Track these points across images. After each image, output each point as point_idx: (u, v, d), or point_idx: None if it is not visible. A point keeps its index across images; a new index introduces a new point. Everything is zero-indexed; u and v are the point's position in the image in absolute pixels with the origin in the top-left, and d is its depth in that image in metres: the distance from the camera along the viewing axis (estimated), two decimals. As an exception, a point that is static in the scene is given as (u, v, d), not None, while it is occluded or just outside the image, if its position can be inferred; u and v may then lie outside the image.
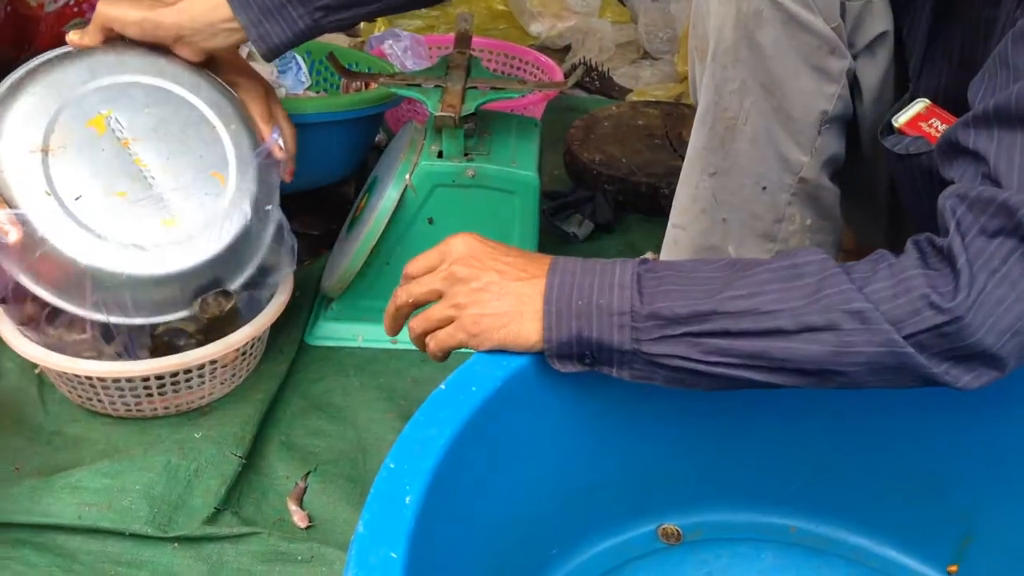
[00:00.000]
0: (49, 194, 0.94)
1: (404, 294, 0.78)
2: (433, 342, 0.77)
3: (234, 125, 1.05)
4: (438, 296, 0.76)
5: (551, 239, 1.42)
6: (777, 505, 0.90)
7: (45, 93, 0.98)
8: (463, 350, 0.83)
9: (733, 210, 0.98)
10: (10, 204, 0.93)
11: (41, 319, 1.03)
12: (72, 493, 0.96)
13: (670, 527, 0.90)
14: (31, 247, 0.93)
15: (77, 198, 0.95)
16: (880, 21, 0.93)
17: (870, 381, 0.68)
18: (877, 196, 1.06)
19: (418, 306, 0.78)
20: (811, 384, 0.69)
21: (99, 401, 1.06)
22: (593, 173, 1.52)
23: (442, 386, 0.71)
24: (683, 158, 1.52)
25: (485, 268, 0.74)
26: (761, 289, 0.68)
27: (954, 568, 0.85)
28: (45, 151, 0.95)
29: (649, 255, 1.39)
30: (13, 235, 0.92)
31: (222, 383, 1.09)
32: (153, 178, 1.00)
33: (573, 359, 0.72)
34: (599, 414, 0.81)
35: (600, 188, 1.50)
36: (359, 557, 0.59)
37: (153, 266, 0.97)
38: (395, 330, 0.81)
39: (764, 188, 0.96)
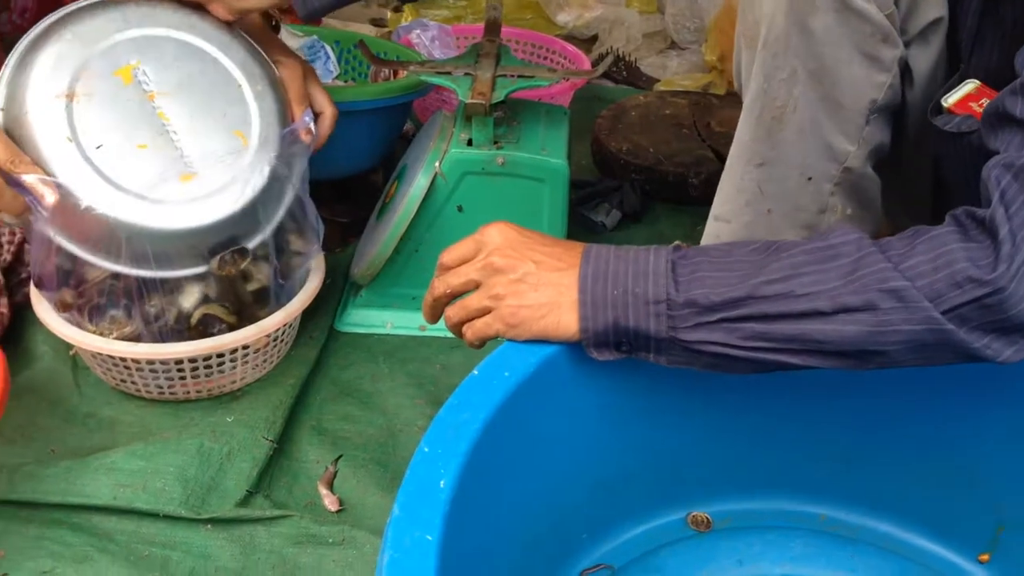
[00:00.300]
0: (71, 140, 0.94)
1: (442, 285, 0.78)
2: (470, 331, 0.77)
3: (260, 87, 1.05)
4: (475, 286, 0.76)
5: (579, 228, 1.42)
6: (807, 493, 0.90)
7: (75, 40, 0.97)
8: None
9: (778, 202, 0.98)
10: (31, 148, 0.93)
11: (81, 311, 1.04)
12: (107, 474, 0.97)
13: (700, 515, 0.91)
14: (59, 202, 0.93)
15: (98, 147, 0.95)
16: (934, 7, 0.92)
17: (910, 359, 0.68)
18: (918, 185, 1.05)
19: (456, 296, 0.79)
20: (850, 366, 0.69)
21: (133, 383, 1.07)
22: (621, 162, 1.52)
23: (475, 371, 0.72)
24: (711, 148, 1.53)
25: (522, 258, 0.74)
26: (796, 272, 0.68)
27: (986, 557, 0.85)
28: (70, 97, 0.95)
29: (677, 243, 1.39)
30: (49, 197, 0.93)
31: (254, 368, 1.10)
32: (175, 133, 0.99)
33: (610, 347, 0.72)
34: (630, 401, 0.81)
35: (628, 177, 1.50)
36: (395, 538, 0.59)
37: (169, 220, 0.97)
38: (434, 319, 0.82)
39: (809, 179, 0.96)
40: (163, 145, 0.99)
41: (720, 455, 0.88)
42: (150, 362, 1.04)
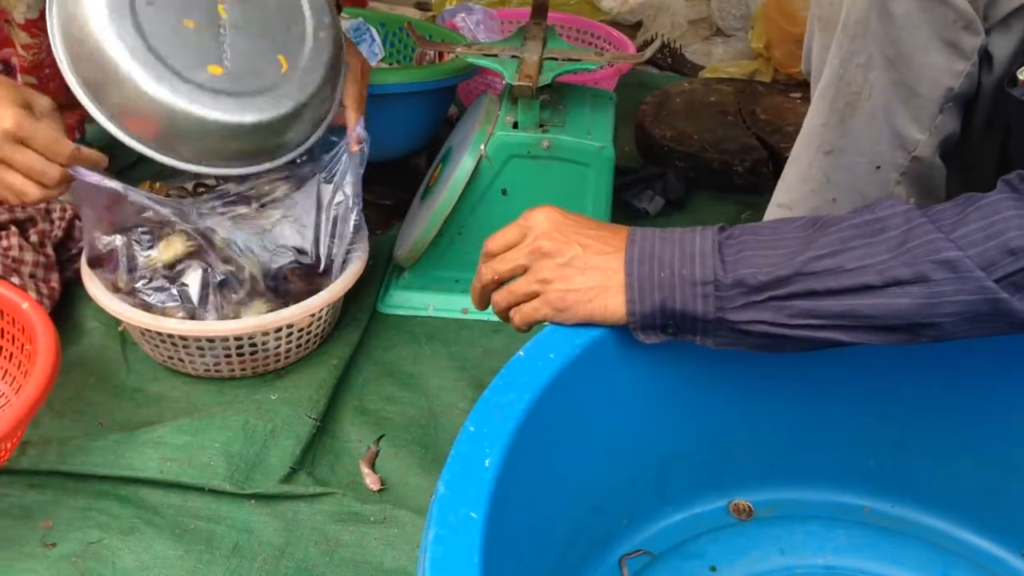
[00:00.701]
0: None
1: (489, 272, 0.78)
2: (518, 316, 0.77)
3: (322, 35, 1.05)
4: (523, 271, 0.76)
5: (621, 214, 1.42)
6: (851, 484, 0.89)
7: None
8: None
9: (844, 190, 0.97)
10: None
11: (133, 293, 1.06)
12: (154, 448, 0.99)
13: (742, 503, 0.90)
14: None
15: (149, 3, 0.95)
16: None
17: (963, 331, 0.66)
18: (983, 173, 1.03)
19: (503, 282, 0.79)
20: (902, 340, 0.68)
21: (180, 360, 1.09)
22: (664, 149, 1.51)
23: (521, 353, 0.72)
24: (756, 135, 1.52)
25: (569, 242, 0.74)
26: (844, 246, 0.67)
27: (1033, 552, 0.84)
28: None
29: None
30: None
31: (297, 347, 1.12)
32: (224, 29, 0.99)
33: (657, 330, 0.72)
34: (675, 386, 0.81)
35: (671, 164, 1.50)
36: (440, 516, 0.60)
37: (184, 101, 0.96)
38: (483, 306, 0.82)
39: (878, 167, 0.94)
40: (209, 32, 0.99)
41: (764, 443, 0.87)
42: (197, 340, 1.05)
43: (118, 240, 1.06)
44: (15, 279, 1.13)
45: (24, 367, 1.02)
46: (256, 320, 1.05)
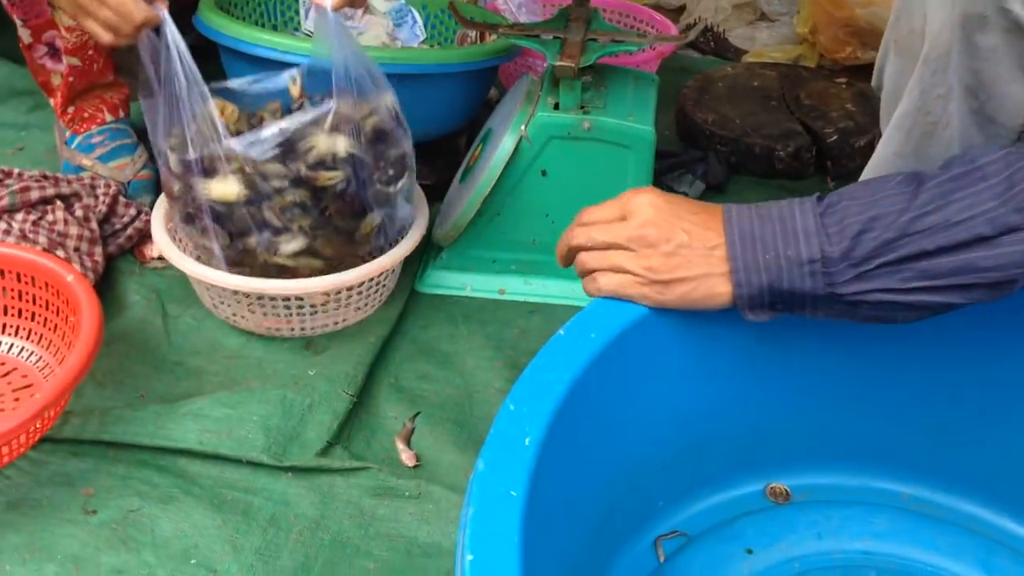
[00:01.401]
0: None
1: (584, 236, 0.77)
2: (607, 283, 0.75)
3: None
4: (619, 248, 0.76)
5: (661, 198, 1.41)
6: (890, 470, 0.88)
7: None
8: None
9: None
10: None
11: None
12: (193, 420, 1.00)
13: (779, 486, 0.90)
14: None
15: None
16: None
17: None
18: None
19: (591, 251, 0.78)
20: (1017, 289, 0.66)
21: (242, 317, 1.12)
22: (706, 133, 1.50)
23: (561, 332, 0.72)
24: (800, 120, 1.50)
25: (673, 229, 0.73)
26: (947, 200, 0.65)
27: (1077, 542, 0.83)
28: None
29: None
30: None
31: (356, 310, 1.14)
32: None
33: (765, 308, 0.72)
34: (714, 367, 0.81)
35: (712, 149, 1.48)
36: (479, 493, 0.60)
37: None
38: (568, 264, 0.81)
39: None
40: None
41: (802, 426, 0.87)
42: (259, 297, 1.08)
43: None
44: (60, 252, 1.14)
45: (68, 339, 1.04)
46: (316, 281, 1.07)
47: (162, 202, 1.17)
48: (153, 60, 1.04)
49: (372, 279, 1.11)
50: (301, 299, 1.09)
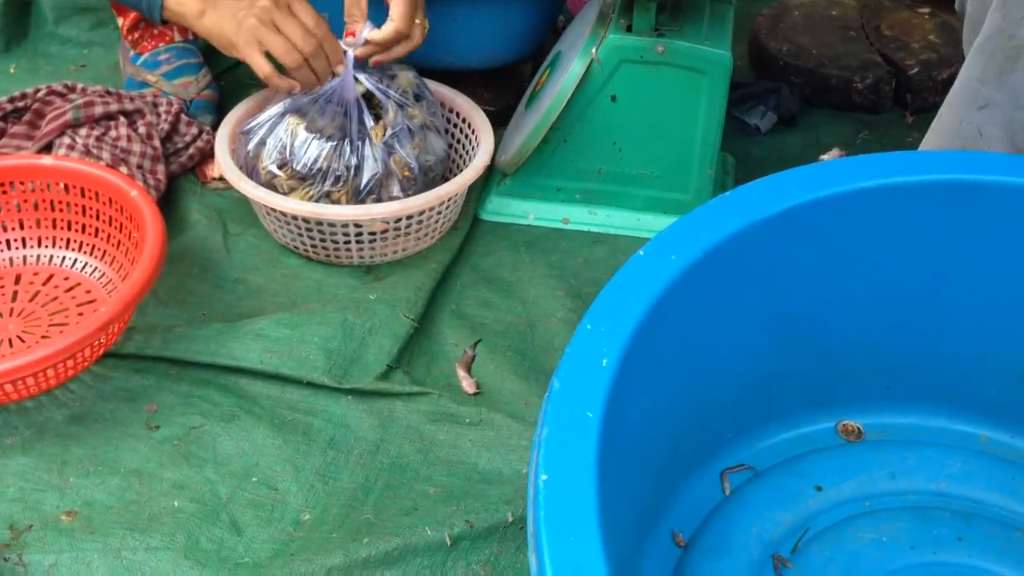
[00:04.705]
0: None
1: None
2: None
3: None
4: None
5: (730, 130, 1.36)
6: (969, 412, 0.86)
7: None
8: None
9: (997, 144, 0.91)
10: None
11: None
12: (255, 340, 0.99)
13: (851, 424, 0.87)
14: None
15: None
16: None
17: None
18: None
19: None
20: None
21: (301, 243, 1.11)
22: (780, 64, 1.44)
23: (640, 252, 0.69)
24: (880, 52, 1.44)
25: None
26: None
27: None
28: None
29: (835, 151, 1.32)
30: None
31: (417, 240, 1.12)
32: None
33: None
34: (793, 298, 0.78)
35: (786, 80, 1.43)
36: (555, 413, 0.58)
37: None
38: None
39: None
40: None
41: (880, 365, 0.84)
42: (319, 223, 1.07)
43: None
44: (123, 168, 1.14)
45: (131, 255, 1.04)
46: (382, 207, 1.06)
47: (226, 123, 1.16)
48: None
49: (433, 208, 1.09)
50: (360, 226, 1.07)
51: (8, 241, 1.09)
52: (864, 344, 0.82)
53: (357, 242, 1.09)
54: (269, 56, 1.07)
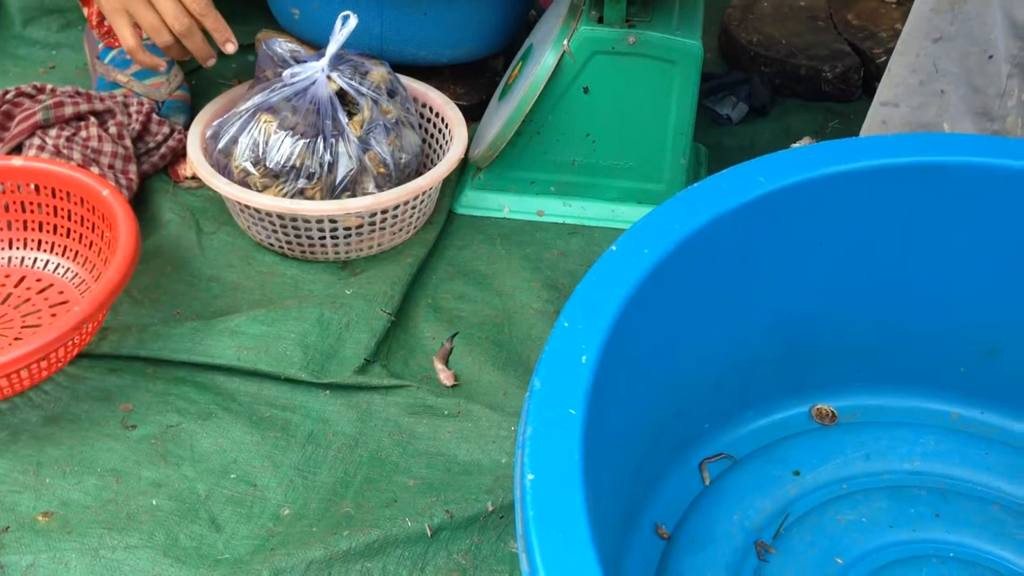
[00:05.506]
0: None
1: None
2: None
3: None
4: None
5: (703, 120, 1.37)
6: (939, 391, 0.87)
7: None
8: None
9: (954, 82, 0.91)
10: None
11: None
12: (231, 337, 0.99)
13: (825, 408, 0.88)
14: None
15: None
16: None
17: None
18: None
19: None
20: None
21: (276, 240, 1.11)
22: (750, 55, 1.45)
23: (613, 247, 0.70)
24: (848, 42, 1.45)
25: None
26: None
27: None
28: None
29: (806, 140, 1.33)
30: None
31: (392, 234, 1.12)
32: None
33: None
34: (763, 286, 0.79)
35: (756, 70, 1.44)
36: (537, 411, 0.58)
37: None
38: None
39: (990, 57, 0.89)
40: None
41: (849, 348, 0.85)
42: (293, 219, 1.07)
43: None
44: (94, 169, 1.13)
45: (104, 254, 1.03)
46: (356, 202, 1.06)
47: (198, 121, 1.15)
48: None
49: (408, 202, 1.09)
50: (335, 222, 1.07)
51: (-21, 243, 1.09)
52: (834, 328, 0.83)
53: (332, 238, 1.09)
54: None
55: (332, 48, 1.09)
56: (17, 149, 1.13)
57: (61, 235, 1.08)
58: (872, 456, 0.83)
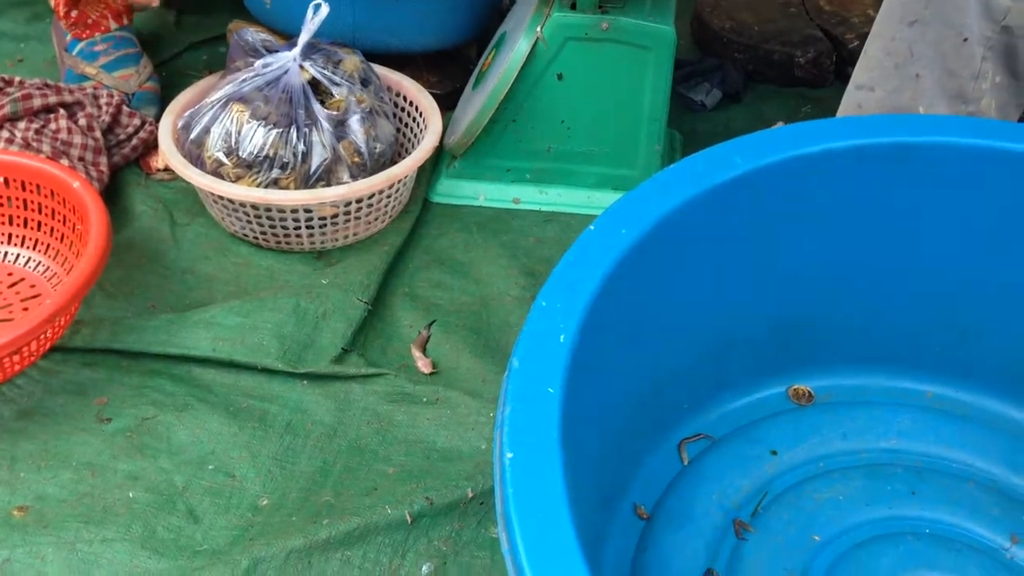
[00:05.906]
0: None
1: None
2: None
3: None
4: None
5: (677, 107, 1.37)
6: (914, 370, 0.88)
7: None
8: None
9: (929, 65, 0.92)
10: None
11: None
12: (206, 328, 0.98)
13: (802, 388, 0.88)
14: None
15: None
16: None
17: None
18: None
19: None
20: None
21: (251, 230, 1.10)
22: (723, 41, 1.46)
23: (591, 227, 0.70)
24: (820, 27, 1.46)
25: None
26: None
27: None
28: None
29: (780, 124, 1.34)
30: None
31: (367, 224, 1.11)
32: None
33: None
34: (739, 267, 0.79)
35: (729, 56, 1.44)
36: (515, 391, 0.58)
37: None
38: None
39: (965, 39, 0.89)
40: None
41: (825, 328, 0.85)
42: (268, 209, 1.06)
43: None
44: (64, 161, 1.12)
45: (76, 247, 1.02)
46: (332, 191, 1.05)
47: (169, 112, 1.14)
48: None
49: (383, 190, 1.09)
50: (310, 211, 1.06)
51: (-52, 238, 1.07)
52: (810, 307, 0.83)
53: (308, 227, 1.08)
54: None
55: (304, 37, 1.08)
56: (-15, 142, 1.12)
57: (32, 229, 1.07)
58: (849, 435, 0.84)
